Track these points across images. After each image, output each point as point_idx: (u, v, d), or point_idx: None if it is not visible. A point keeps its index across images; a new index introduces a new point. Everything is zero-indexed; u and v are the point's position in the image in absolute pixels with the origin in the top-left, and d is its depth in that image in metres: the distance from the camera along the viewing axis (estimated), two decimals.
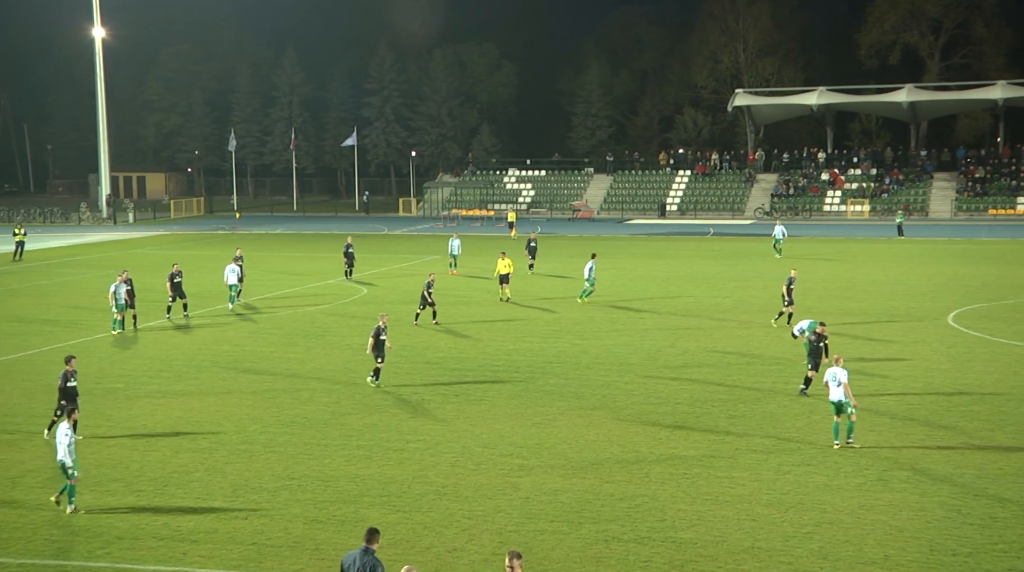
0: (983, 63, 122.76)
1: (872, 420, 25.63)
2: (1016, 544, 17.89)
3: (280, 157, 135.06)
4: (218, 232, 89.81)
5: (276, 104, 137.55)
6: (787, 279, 38.77)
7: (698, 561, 17.37)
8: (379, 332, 29.74)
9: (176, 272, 41.25)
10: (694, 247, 72.25)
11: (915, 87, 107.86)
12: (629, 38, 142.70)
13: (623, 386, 29.64)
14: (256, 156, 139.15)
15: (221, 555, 17.81)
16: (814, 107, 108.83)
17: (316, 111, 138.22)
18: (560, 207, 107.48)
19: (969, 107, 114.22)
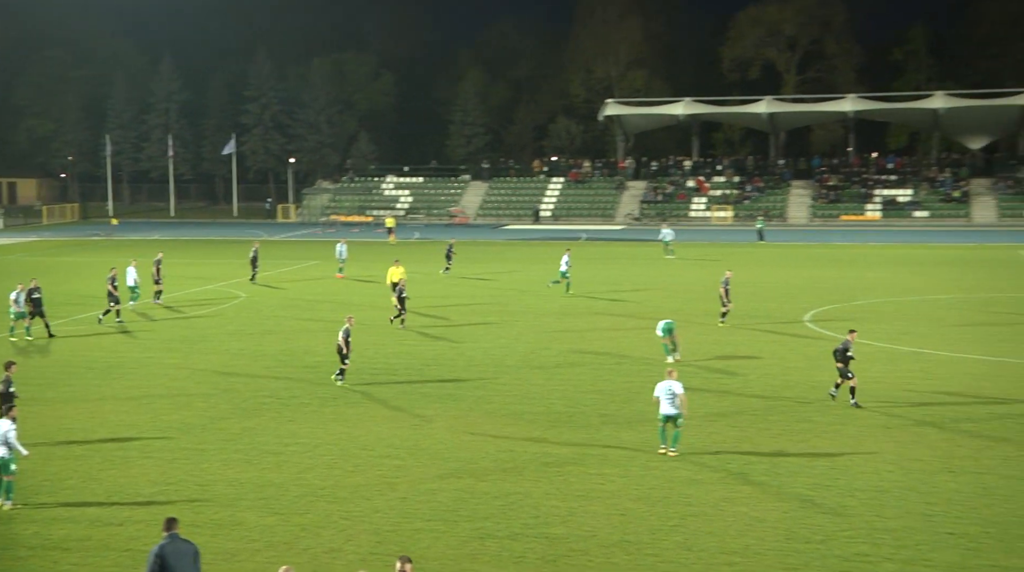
0: (835, 78, 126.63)
1: (734, 417, 26.19)
2: (863, 530, 18.46)
3: (157, 163, 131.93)
4: (92, 238, 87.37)
5: (153, 111, 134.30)
6: (723, 280, 39.49)
7: (570, 556, 17.51)
8: (347, 334, 29.74)
9: (34, 287, 37.99)
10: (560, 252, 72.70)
11: (774, 99, 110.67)
12: (505, 49, 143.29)
13: (498, 387, 29.71)
14: (132, 162, 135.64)
15: (94, 563, 17.33)
16: (681, 117, 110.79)
17: (194, 118, 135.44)
18: (437, 213, 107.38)
19: (823, 119, 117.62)
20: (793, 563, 17.10)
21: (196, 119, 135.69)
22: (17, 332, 37.85)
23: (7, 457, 19.74)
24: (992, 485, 20.76)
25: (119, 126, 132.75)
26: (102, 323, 40.78)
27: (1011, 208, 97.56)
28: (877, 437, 24.22)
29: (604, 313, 43.44)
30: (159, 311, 44.37)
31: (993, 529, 18.42)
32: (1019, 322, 38.54)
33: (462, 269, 58.20)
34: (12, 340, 37.35)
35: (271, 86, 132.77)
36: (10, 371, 24.06)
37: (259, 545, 18.12)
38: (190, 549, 14.41)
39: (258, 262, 54.72)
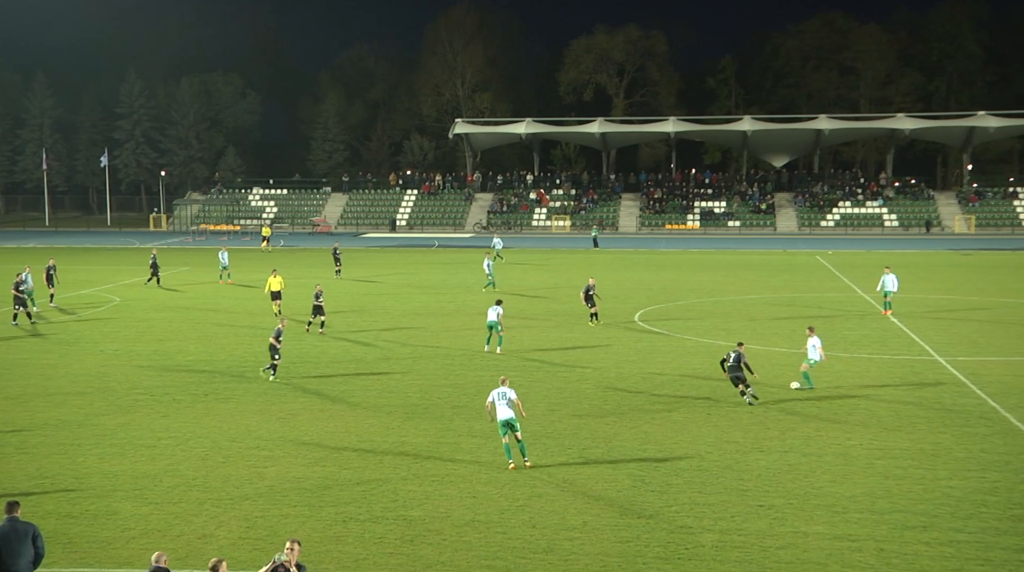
0: (659, 101, 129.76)
1: (574, 405, 26.50)
2: (686, 505, 18.88)
3: (31, 175, 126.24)
4: None
5: (26, 126, 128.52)
6: (585, 287, 39.79)
7: (426, 535, 17.44)
8: (279, 333, 29.60)
9: None
10: (421, 258, 72.65)
11: (605, 120, 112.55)
12: (361, 71, 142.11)
13: (359, 382, 29.39)
14: (6, 174, 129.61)
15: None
16: (523, 135, 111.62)
17: (67, 133, 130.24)
18: (301, 222, 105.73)
19: (648, 138, 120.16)
20: (626, 536, 17.39)
21: (69, 133, 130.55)
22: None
23: None
24: (795, 462, 21.52)
25: None
26: (17, 325, 39.27)
27: (808, 219, 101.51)
28: (699, 422, 24.83)
29: (454, 313, 43.43)
30: (54, 314, 42.37)
31: (795, 500, 19.09)
32: (817, 317, 40.07)
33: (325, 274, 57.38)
34: None
35: (141, 103, 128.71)
36: None
37: (134, 533, 17.51)
38: (27, 529, 14.21)
39: (158, 267, 52.98)
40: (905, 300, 45.54)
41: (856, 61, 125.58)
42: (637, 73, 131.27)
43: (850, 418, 25.14)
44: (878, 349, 34.61)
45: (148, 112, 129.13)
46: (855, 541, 17.10)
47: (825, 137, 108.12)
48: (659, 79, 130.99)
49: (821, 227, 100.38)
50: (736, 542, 17.10)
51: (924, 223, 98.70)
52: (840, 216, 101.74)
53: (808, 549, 16.78)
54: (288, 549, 13.19)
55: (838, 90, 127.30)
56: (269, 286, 41.69)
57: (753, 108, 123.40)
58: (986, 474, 20.61)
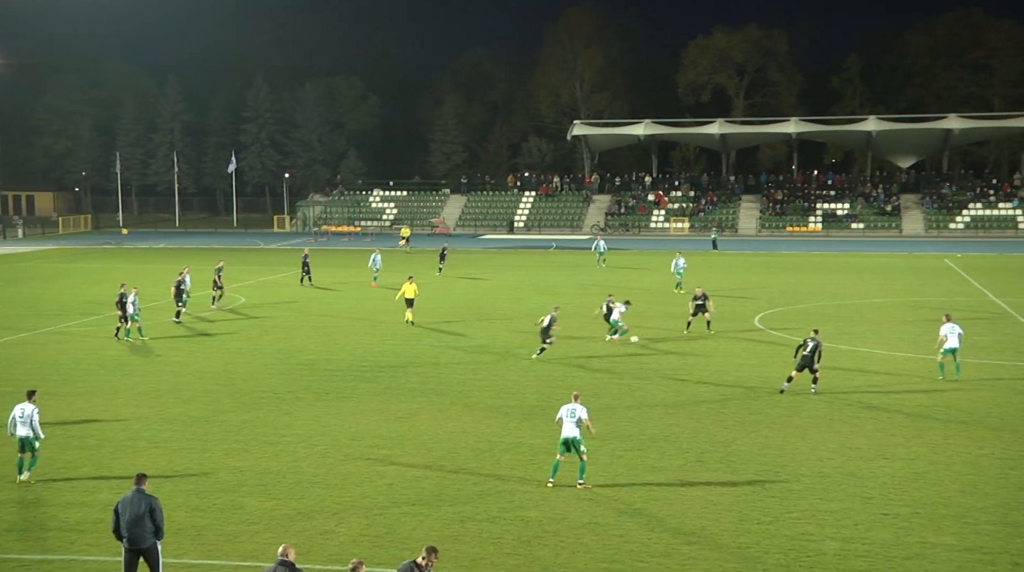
0: (779, 102, 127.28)
1: (691, 408, 26.22)
2: (808, 512, 18.50)
3: (163, 178, 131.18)
4: (104, 246, 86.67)
5: (159, 130, 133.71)
6: (694, 296, 38.51)
7: (543, 537, 17.47)
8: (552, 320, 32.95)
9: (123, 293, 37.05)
10: (539, 259, 72.83)
11: (725, 121, 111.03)
12: (480, 74, 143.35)
13: (477, 383, 29.64)
14: (140, 177, 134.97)
15: (107, 543, 17.10)
16: (641, 137, 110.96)
17: (197, 137, 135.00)
18: (420, 223, 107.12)
19: (769, 139, 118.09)
20: (745, 542, 17.12)
21: (198, 137, 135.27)
22: (132, 333, 37.07)
23: (31, 437, 20.23)
24: (922, 470, 20.87)
25: (128, 144, 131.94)
26: (180, 322, 40.76)
27: (936, 221, 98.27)
28: (820, 428, 24.30)
29: (572, 315, 43.33)
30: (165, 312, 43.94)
31: (923, 510, 18.52)
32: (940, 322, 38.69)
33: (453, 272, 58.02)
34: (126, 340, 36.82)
35: (267, 108, 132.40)
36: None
37: (258, 527, 17.99)
38: (145, 500, 14.87)
39: (309, 267, 54.17)
40: None
41: (990, 58, 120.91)
42: (757, 73, 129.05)
43: (981, 426, 24.26)
44: (1012, 356, 33.30)
45: (273, 116, 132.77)
46: (987, 554, 16.49)
47: (955, 137, 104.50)
48: (780, 79, 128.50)
49: (950, 229, 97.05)
50: (860, 551, 16.67)
51: None
52: (970, 218, 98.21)
53: (936, 561, 16.25)
54: (423, 558, 13.15)
55: (969, 88, 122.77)
56: (403, 293, 40.58)
57: (879, 108, 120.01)
58: None
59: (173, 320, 40.99)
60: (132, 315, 36.62)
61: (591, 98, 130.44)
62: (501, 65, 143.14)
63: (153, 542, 14.90)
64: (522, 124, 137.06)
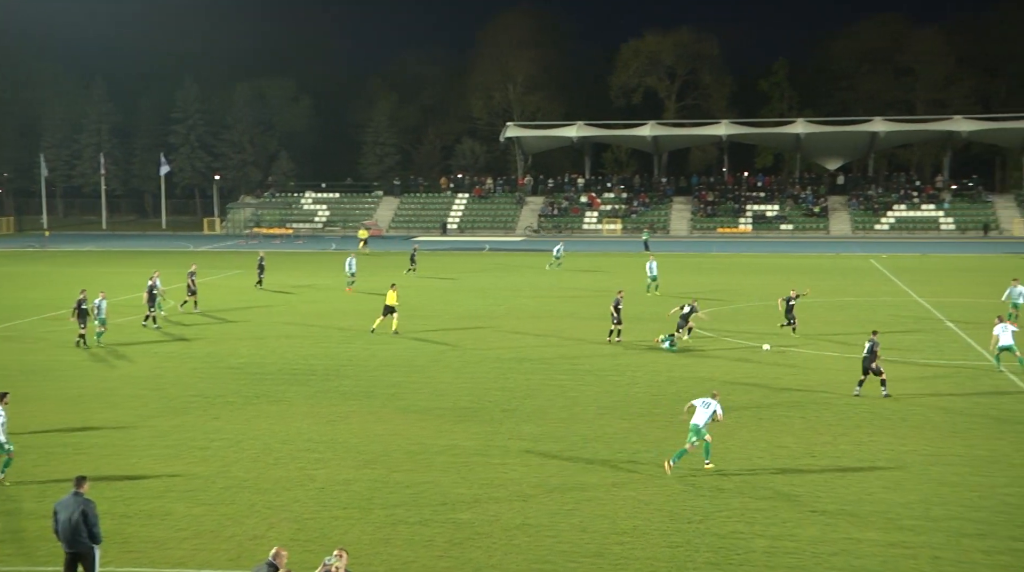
0: (710, 104, 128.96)
1: (624, 408, 26.40)
2: (737, 511, 18.74)
3: (89, 180, 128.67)
4: (27, 249, 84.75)
5: (85, 131, 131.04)
6: (787, 297, 38.32)
7: (475, 539, 17.46)
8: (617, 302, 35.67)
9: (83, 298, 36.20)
10: (472, 261, 72.81)
11: (656, 123, 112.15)
12: (413, 75, 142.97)
13: (409, 385, 29.53)
14: (66, 179, 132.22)
15: (28, 553, 16.77)
16: (574, 139, 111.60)
17: (124, 138, 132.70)
18: (353, 226, 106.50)
19: (700, 141, 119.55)
20: (676, 541, 17.29)
21: (126, 139, 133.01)
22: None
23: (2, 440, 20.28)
24: (847, 467, 21.27)
25: (53, 145, 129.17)
26: (157, 327, 40.19)
27: (862, 222, 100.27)
28: (750, 427, 24.63)
29: (505, 316, 43.46)
30: (191, 318, 42.95)
31: (848, 507, 18.86)
32: (870, 321, 39.47)
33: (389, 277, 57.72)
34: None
35: (197, 109, 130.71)
36: None
37: (187, 534, 17.73)
38: (80, 504, 14.85)
39: (263, 269, 54.20)
40: (963, 305, 44.83)
41: (913, 63, 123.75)
42: (688, 76, 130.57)
43: (904, 424, 24.79)
44: (934, 355, 34.09)
45: (203, 117, 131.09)
46: (909, 548, 16.85)
47: (880, 140, 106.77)
48: (711, 82, 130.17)
49: (875, 230, 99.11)
50: (788, 548, 16.93)
51: (982, 226, 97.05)
52: (895, 219, 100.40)
53: (861, 556, 16.57)
54: (337, 555, 13.33)
55: (894, 92, 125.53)
56: (386, 300, 39.39)
57: (807, 111, 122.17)
58: None
59: (142, 324, 40.34)
60: (101, 320, 36.10)
61: (524, 100, 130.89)
62: (435, 67, 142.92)
63: (89, 547, 14.81)
64: (455, 126, 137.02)
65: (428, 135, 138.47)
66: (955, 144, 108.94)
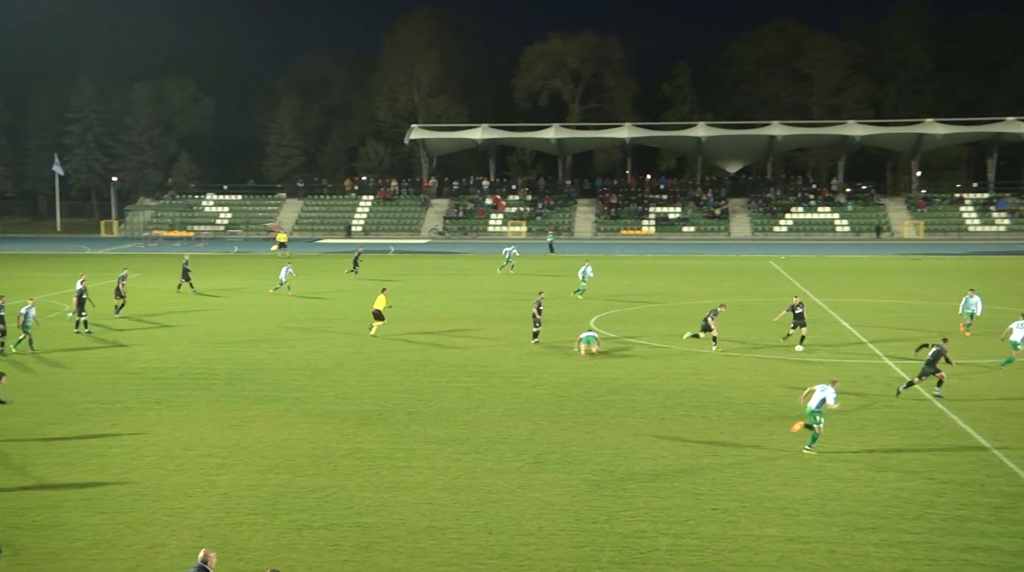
0: (614, 107, 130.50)
1: (529, 410, 26.53)
2: (642, 510, 18.99)
3: None
4: None
5: None
6: (791, 306, 37.30)
7: (381, 542, 17.38)
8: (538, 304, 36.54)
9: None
10: (377, 264, 72.32)
11: (561, 126, 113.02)
12: (318, 77, 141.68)
13: (314, 389, 29.23)
14: None
15: None
16: (479, 141, 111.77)
17: (16, 138, 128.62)
18: (256, 228, 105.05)
19: (604, 144, 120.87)
20: (581, 541, 17.44)
21: (18, 139, 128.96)
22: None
23: None
24: (748, 465, 21.71)
25: None
26: (88, 333, 39.04)
27: (762, 224, 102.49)
28: (653, 427, 24.96)
29: (410, 319, 43.29)
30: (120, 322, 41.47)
31: (748, 503, 19.25)
32: (770, 322, 40.44)
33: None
34: None
35: (93, 109, 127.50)
36: None
37: (82, 544, 17.26)
38: None
39: (189, 273, 52.88)
40: (857, 305, 46.09)
41: (810, 68, 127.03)
42: (593, 79, 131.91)
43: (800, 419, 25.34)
44: (829, 354, 35.00)
45: (99, 117, 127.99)
46: (806, 543, 17.29)
47: (778, 143, 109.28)
48: (615, 85, 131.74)
49: (774, 232, 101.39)
50: (690, 546, 17.21)
51: (875, 228, 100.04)
52: (793, 221, 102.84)
53: (761, 552, 16.93)
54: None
55: (792, 97, 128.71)
56: (375, 304, 39.15)
57: (708, 114, 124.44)
58: (934, 475, 20.92)
59: (74, 331, 39.14)
60: (27, 326, 34.98)
61: (429, 102, 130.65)
62: (339, 68, 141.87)
63: None
64: (360, 128, 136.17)
65: (332, 137, 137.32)
66: (849, 148, 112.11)
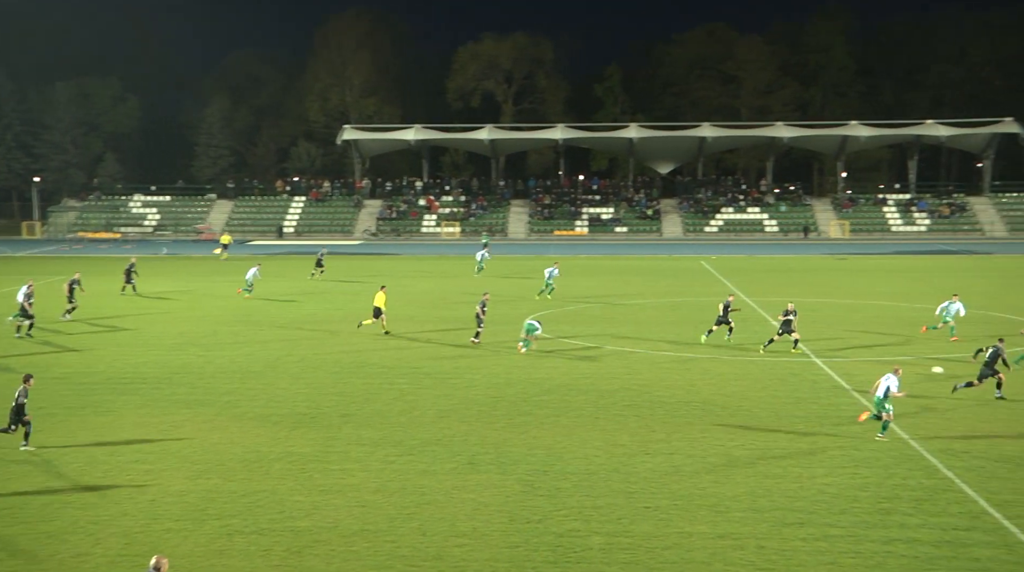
0: (547, 108, 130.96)
1: (463, 411, 26.50)
2: (575, 509, 19.08)
3: None
4: None
5: None
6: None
7: (314, 546, 17.23)
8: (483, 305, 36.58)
9: None
10: (310, 266, 71.58)
11: (494, 127, 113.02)
12: (247, 76, 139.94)
13: (245, 392, 28.88)
14: None
15: None
16: (412, 142, 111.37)
17: None
18: (185, 230, 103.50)
19: (537, 145, 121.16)
20: (515, 541, 17.47)
21: None
22: None
23: None
24: (680, 464, 21.93)
25: None
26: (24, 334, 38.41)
27: (693, 224, 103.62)
28: (587, 426, 25.09)
29: (342, 320, 42.98)
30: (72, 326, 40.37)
31: (680, 501, 19.46)
32: (701, 321, 40.84)
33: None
34: None
35: (12, 107, 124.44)
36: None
37: (1, 556, 16.84)
38: None
39: (131, 275, 52.08)
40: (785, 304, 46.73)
41: (738, 71, 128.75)
42: (525, 80, 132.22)
43: (733, 420, 25.73)
44: (758, 354, 35.47)
45: (19, 116, 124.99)
46: (737, 539, 17.52)
47: (708, 144, 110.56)
48: (547, 87, 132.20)
49: (705, 232, 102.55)
50: (623, 544, 17.34)
51: (802, 229, 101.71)
52: (723, 222, 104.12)
53: (692, 549, 17.12)
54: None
55: (721, 99, 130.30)
56: (375, 302, 39.25)
57: (639, 116, 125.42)
58: (858, 471, 21.34)
59: (15, 335, 38.39)
60: None
61: (361, 102, 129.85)
62: (269, 68, 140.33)
63: None
64: (291, 128, 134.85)
65: (263, 137, 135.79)
66: (777, 149, 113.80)
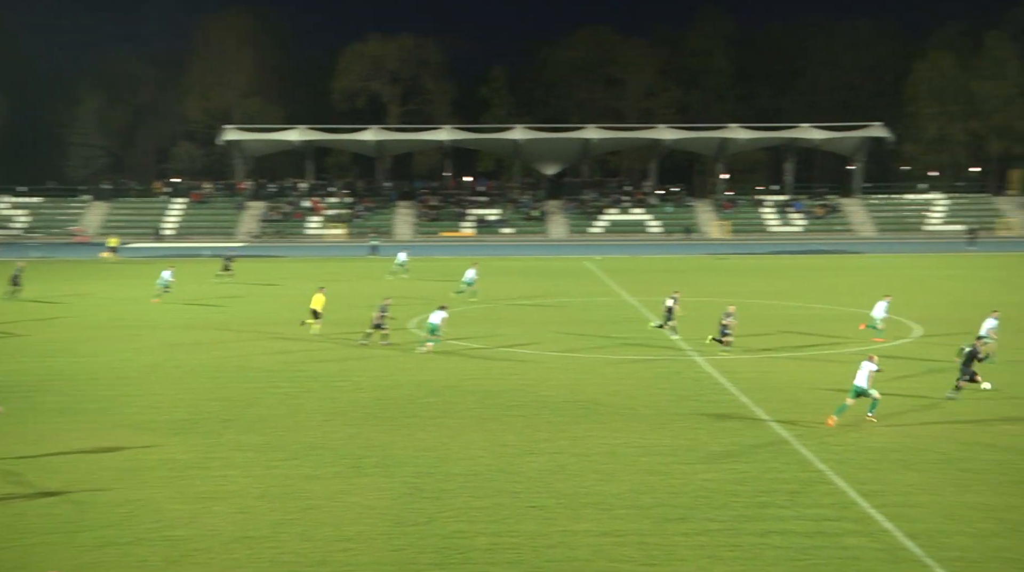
0: (433, 110, 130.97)
1: (348, 414, 26.25)
2: (460, 510, 19.05)
3: None
4: None
5: None
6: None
7: (193, 555, 16.83)
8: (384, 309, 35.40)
9: None
10: (189, 269, 70.04)
11: (380, 128, 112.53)
12: (124, 75, 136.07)
13: (120, 399, 28.06)
14: None
15: None
16: (296, 143, 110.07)
17: None
18: (57, 232, 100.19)
19: (423, 146, 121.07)
20: (401, 544, 17.37)
21: None
22: None
23: None
24: (564, 463, 22.12)
25: None
26: None
27: (578, 225, 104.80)
28: (472, 427, 25.11)
29: (224, 325, 42.17)
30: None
31: (565, 500, 19.62)
32: (586, 321, 41.32)
33: (98, 284, 54.58)
34: None
35: None
36: None
37: None
38: None
39: (20, 281, 50.72)
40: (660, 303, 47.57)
41: (621, 73, 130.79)
42: (411, 81, 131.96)
43: (617, 418, 26.07)
44: (642, 352, 36.06)
45: None
46: (620, 536, 17.75)
47: (593, 146, 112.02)
48: (433, 88, 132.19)
49: (590, 233, 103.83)
50: (508, 544, 17.39)
51: (684, 229, 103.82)
52: (608, 223, 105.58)
53: (576, 547, 17.28)
54: None
55: (605, 101, 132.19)
56: (313, 304, 39.59)
57: (526, 117, 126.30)
58: (737, 465, 21.85)
59: None
60: None
61: (244, 102, 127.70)
62: (147, 66, 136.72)
63: None
64: (170, 128, 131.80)
65: (141, 137, 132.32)
66: (660, 151, 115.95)
